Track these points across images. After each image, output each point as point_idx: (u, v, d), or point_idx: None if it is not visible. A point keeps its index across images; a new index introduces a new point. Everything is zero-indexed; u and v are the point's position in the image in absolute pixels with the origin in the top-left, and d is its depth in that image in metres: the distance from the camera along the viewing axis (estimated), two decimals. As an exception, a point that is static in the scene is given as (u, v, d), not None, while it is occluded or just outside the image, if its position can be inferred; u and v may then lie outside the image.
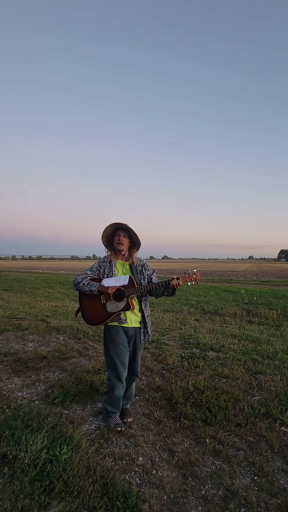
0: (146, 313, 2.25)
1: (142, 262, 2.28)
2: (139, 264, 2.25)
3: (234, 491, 1.64)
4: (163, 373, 3.24)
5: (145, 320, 2.23)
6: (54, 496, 1.55)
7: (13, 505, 1.48)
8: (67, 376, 3.05)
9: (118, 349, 2.14)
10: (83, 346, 4.22)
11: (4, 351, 3.87)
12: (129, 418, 2.34)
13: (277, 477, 1.76)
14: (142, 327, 2.23)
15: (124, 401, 2.37)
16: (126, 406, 2.41)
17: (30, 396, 2.68)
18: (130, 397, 2.43)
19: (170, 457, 1.93)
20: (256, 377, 3.15)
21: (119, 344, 2.14)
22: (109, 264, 2.22)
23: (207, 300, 8.94)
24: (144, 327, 2.24)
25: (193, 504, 1.56)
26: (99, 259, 2.30)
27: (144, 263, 2.28)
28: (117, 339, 2.15)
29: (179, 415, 2.36)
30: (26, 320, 5.72)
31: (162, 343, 4.30)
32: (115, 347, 2.14)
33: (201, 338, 4.58)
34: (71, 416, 2.33)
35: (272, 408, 2.45)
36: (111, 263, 2.22)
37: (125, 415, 2.35)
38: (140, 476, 1.76)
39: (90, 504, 1.50)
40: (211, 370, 3.32)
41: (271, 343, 4.42)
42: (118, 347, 2.14)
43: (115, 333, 2.16)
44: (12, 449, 1.85)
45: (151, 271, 2.28)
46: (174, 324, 5.68)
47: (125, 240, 2.19)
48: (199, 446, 2.03)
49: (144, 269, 2.25)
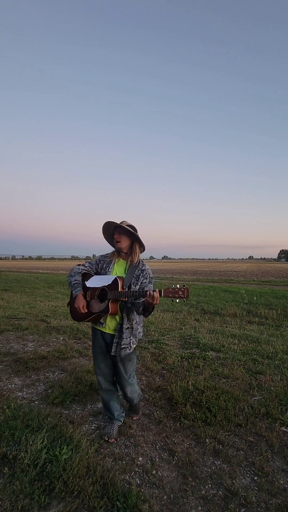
0: (127, 325, 1.97)
1: (144, 267, 2.05)
2: (140, 268, 2.04)
3: (234, 491, 1.64)
4: (163, 373, 3.24)
5: (122, 330, 1.95)
6: (54, 496, 1.55)
7: (13, 505, 1.48)
8: (67, 376, 3.05)
9: (95, 352, 2.12)
10: (83, 346, 4.22)
11: (4, 351, 3.87)
12: (135, 416, 2.32)
13: (277, 477, 1.76)
14: (117, 337, 1.97)
15: (129, 399, 2.26)
16: (133, 403, 2.32)
17: (30, 396, 2.67)
18: (133, 399, 2.25)
19: (170, 457, 1.93)
20: (256, 377, 3.15)
21: (96, 348, 2.10)
22: (110, 260, 2.13)
23: (207, 300, 8.93)
24: (118, 337, 1.96)
25: (193, 504, 1.57)
26: (103, 254, 2.22)
27: (145, 268, 2.04)
28: (95, 342, 2.11)
29: (179, 415, 2.36)
30: (26, 320, 5.72)
31: (162, 343, 4.30)
32: (94, 350, 2.13)
33: (201, 338, 4.58)
34: (71, 416, 2.33)
35: (272, 408, 2.45)
36: (112, 260, 2.12)
37: (130, 411, 2.35)
38: (140, 476, 1.76)
39: (90, 504, 1.50)
40: (211, 370, 3.32)
41: (271, 343, 4.42)
42: (96, 350, 2.11)
43: (94, 335, 2.12)
44: (12, 449, 1.85)
45: (147, 280, 2.02)
46: (174, 324, 5.67)
47: (123, 238, 2.03)
48: (199, 446, 2.03)
49: (142, 275, 2.02)
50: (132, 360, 2.13)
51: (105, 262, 2.13)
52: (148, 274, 2.04)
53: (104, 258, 2.17)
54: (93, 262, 2.18)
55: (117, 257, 2.13)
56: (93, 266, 2.15)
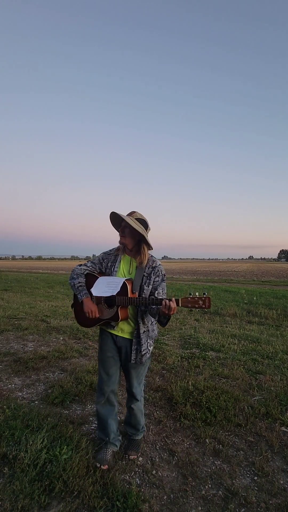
0: (143, 328, 1.77)
1: (155, 263, 1.81)
2: (150, 265, 1.79)
3: (234, 491, 1.64)
4: (163, 373, 3.24)
5: (139, 335, 1.76)
6: (54, 496, 1.55)
7: (13, 505, 1.48)
8: (67, 376, 3.05)
9: (103, 357, 1.88)
10: (83, 346, 4.22)
11: (4, 351, 3.87)
12: (132, 455, 1.89)
13: (277, 477, 1.76)
14: (135, 343, 1.77)
15: (129, 429, 2.00)
16: (133, 437, 2.00)
17: (30, 396, 2.67)
18: (136, 425, 1.98)
19: (170, 457, 1.93)
20: (256, 377, 3.15)
21: (105, 352, 1.87)
22: (114, 257, 1.87)
23: (207, 300, 8.93)
24: (137, 344, 1.77)
25: (193, 504, 1.56)
26: (106, 251, 1.96)
27: (156, 265, 1.81)
28: (104, 346, 1.88)
29: (179, 415, 2.36)
30: (26, 320, 5.72)
31: (162, 343, 4.30)
32: (101, 355, 1.89)
33: (201, 338, 4.58)
34: (71, 416, 2.33)
35: (272, 408, 2.45)
36: (117, 257, 1.86)
37: (129, 448, 1.94)
38: (140, 476, 1.76)
39: (90, 504, 1.50)
40: (211, 370, 3.32)
41: (271, 343, 4.42)
42: (104, 355, 1.87)
43: (103, 339, 1.90)
44: (12, 449, 1.85)
45: (160, 278, 1.80)
46: (174, 324, 5.67)
47: (128, 234, 1.77)
48: (199, 446, 2.03)
49: (154, 273, 1.78)
50: (146, 365, 1.92)
51: (110, 260, 1.88)
52: (160, 272, 1.80)
53: (107, 255, 1.91)
54: (95, 261, 1.92)
55: (122, 253, 1.87)
56: (96, 265, 1.91)
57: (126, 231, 1.77)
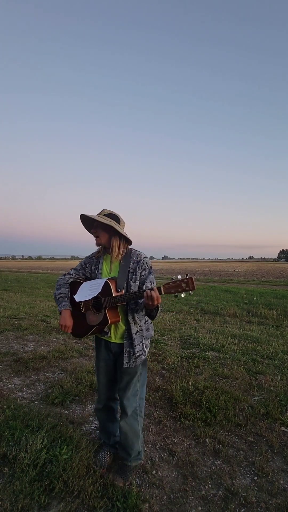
0: (135, 328, 1.65)
1: (139, 257, 1.69)
2: (134, 260, 1.68)
3: (234, 491, 1.64)
4: (163, 373, 3.24)
5: (131, 336, 1.63)
6: (54, 496, 1.55)
7: (13, 505, 1.48)
8: (67, 376, 3.05)
9: (98, 365, 1.81)
10: (83, 346, 4.22)
11: (4, 351, 3.87)
12: (118, 481, 1.65)
13: (277, 477, 1.76)
14: (127, 345, 1.64)
15: (120, 451, 1.79)
16: (125, 462, 1.76)
17: (30, 396, 2.67)
18: (127, 449, 1.73)
19: (170, 457, 1.93)
20: (256, 377, 3.15)
21: (100, 360, 1.79)
22: (97, 260, 1.79)
23: (207, 300, 8.93)
24: (129, 345, 1.64)
25: (193, 504, 1.57)
26: (88, 255, 1.88)
27: (140, 258, 1.69)
28: (98, 354, 1.81)
29: (179, 415, 2.36)
30: (26, 320, 5.72)
31: (162, 343, 4.30)
32: (97, 362, 1.83)
33: (201, 338, 4.58)
34: (71, 416, 2.33)
35: (272, 408, 2.45)
36: (99, 259, 1.78)
37: (117, 472, 1.72)
38: (140, 476, 1.76)
39: (90, 504, 1.50)
40: (211, 370, 3.32)
41: (271, 343, 4.42)
42: (99, 363, 1.80)
43: (97, 347, 1.82)
44: (12, 449, 1.85)
45: (147, 271, 1.68)
46: (174, 324, 5.68)
47: (100, 233, 1.69)
48: (199, 446, 2.03)
49: (139, 267, 1.66)
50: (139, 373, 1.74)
51: (93, 263, 1.80)
52: (145, 264, 1.69)
53: (90, 259, 1.83)
54: (78, 267, 1.85)
55: (104, 254, 1.79)
56: (79, 272, 1.84)
57: (98, 230, 1.70)
